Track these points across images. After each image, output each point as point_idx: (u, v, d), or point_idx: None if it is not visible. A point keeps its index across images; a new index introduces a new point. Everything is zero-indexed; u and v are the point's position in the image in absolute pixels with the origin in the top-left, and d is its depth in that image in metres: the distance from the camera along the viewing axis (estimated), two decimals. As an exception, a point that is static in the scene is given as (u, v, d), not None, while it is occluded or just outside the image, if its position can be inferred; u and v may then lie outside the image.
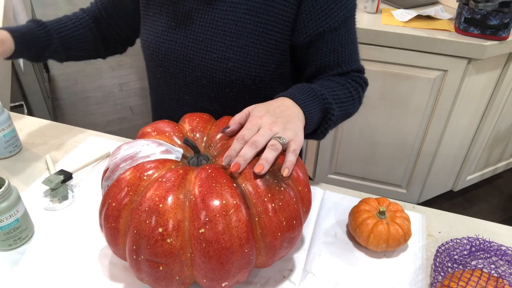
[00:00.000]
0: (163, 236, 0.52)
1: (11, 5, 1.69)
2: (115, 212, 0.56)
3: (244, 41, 0.79)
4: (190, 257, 0.53)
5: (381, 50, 1.56)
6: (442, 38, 1.48)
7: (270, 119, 0.62)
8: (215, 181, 0.54)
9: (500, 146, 2.01)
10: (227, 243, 0.52)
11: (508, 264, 0.64)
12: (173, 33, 0.83)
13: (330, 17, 0.77)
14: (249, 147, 0.58)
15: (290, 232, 0.57)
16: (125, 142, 0.65)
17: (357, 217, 0.70)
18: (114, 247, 0.58)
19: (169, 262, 0.52)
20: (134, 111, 2.77)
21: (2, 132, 0.85)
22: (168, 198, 0.53)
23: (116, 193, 0.56)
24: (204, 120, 0.71)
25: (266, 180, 0.56)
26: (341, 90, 0.79)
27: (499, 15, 1.41)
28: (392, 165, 1.87)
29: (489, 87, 1.67)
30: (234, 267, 0.54)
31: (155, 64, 0.88)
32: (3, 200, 0.64)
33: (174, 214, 0.52)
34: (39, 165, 0.87)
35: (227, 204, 0.53)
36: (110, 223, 0.56)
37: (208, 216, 0.52)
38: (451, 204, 2.01)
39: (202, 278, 0.55)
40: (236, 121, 0.65)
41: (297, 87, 0.73)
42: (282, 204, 0.56)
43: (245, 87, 0.82)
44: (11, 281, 0.64)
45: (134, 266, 0.55)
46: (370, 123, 1.77)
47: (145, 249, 0.52)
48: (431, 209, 0.80)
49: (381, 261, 0.70)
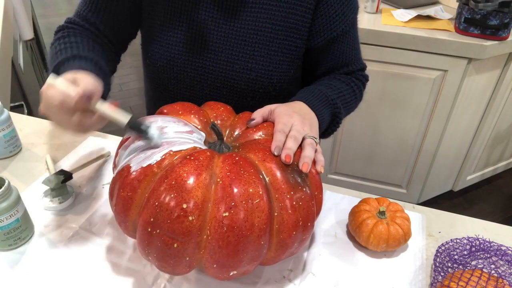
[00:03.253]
0: (186, 212, 0.51)
1: (11, 5, 1.69)
2: (134, 182, 0.55)
3: (266, 50, 0.78)
4: (206, 239, 0.52)
5: (381, 50, 1.56)
6: (442, 38, 1.47)
7: (299, 119, 0.65)
8: (243, 169, 0.55)
9: (500, 146, 2.01)
10: (248, 231, 0.52)
11: (508, 264, 0.64)
12: (189, 44, 0.80)
13: (342, 21, 0.79)
14: (293, 141, 0.60)
15: (303, 233, 0.58)
16: (151, 116, 0.64)
17: (357, 217, 0.70)
18: (123, 217, 0.57)
19: (185, 241, 0.52)
20: (134, 111, 2.76)
21: (2, 132, 0.85)
22: (196, 176, 0.53)
23: (139, 162, 0.56)
24: (228, 110, 0.72)
25: (291, 178, 0.57)
26: (346, 91, 0.82)
27: (499, 15, 1.41)
28: (392, 165, 1.87)
29: (489, 87, 1.67)
30: (247, 257, 0.54)
31: (167, 76, 0.83)
32: (3, 200, 0.64)
33: (200, 193, 0.52)
34: (39, 165, 0.87)
35: (253, 193, 0.53)
36: (126, 192, 0.55)
37: (234, 201, 0.52)
38: (451, 204, 2.01)
39: (213, 263, 0.54)
40: (260, 115, 0.68)
41: (311, 92, 0.76)
42: (302, 204, 0.57)
43: (266, 94, 0.82)
44: (11, 281, 0.64)
45: (145, 239, 0.54)
46: (370, 123, 1.77)
47: (164, 223, 0.51)
48: (431, 209, 0.80)
49: (381, 261, 0.70)
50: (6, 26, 1.48)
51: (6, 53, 1.44)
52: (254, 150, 0.60)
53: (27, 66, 1.90)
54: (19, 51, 1.81)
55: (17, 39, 1.80)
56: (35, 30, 2.29)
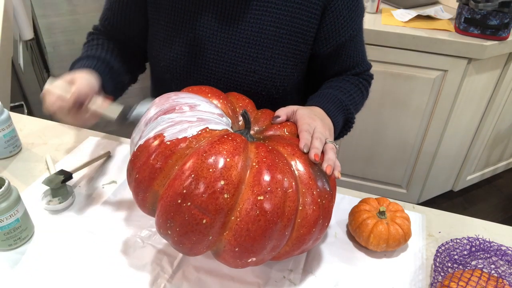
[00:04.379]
0: (222, 189, 0.51)
1: (11, 5, 1.69)
2: (167, 151, 0.54)
3: (270, 53, 0.78)
4: (235, 221, 0.52)
5: (381, 50, 1.56)
6: (442, 38, 1.48)
7: (321, 123, 0.68)
8: (278, 158, 0.55)
9: (500, 146, 2.01)
10: (278, 218, 0.53)
11: (508, 264, 0.64)
12: (193, 44, 0.80)
13: (350, 27, 0.80)
14: (319, 142, 0.62)
15: (320, 231, 0.59)
16: (185, 91, 0.66)
17: (357, 217, 0.70)
18: (144, 187, 0.55)
19: (215, 218, 0.51)
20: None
21: (2, 132, 0.85)
22: (235, 155, 0.53)
23: (174, 133, 0.55)
24: (252, 104, 0.73)
25: (317, 176, 0.58)
26: (356, 93, 0.84)
27: (499, 15, 1.41)
28: (392, 165, 1.87)
29: (489, 87, 1.67)
30: (270, 244, 0.54)
31: (171, 77, 0.84)
32: (3, 200, 0.64)
33: (237, 172, 0.52)
34: (39, 165, 0.87)
35: (288, 182, 0.54)
36: (157, 161, 0.54)
37: (270, 186, 0.52)
38: (451, 204, 2.01)
39: (235, 247, 0.53)
40: (284, 113, 0.69)
41: (326, 97, 0.78)
42: (325, 202, 0.58)
43: (269, 97, 0.83)
44: (11, 281, 0.64)
45: (171, 211, 0.52)
46: (370, 123, 1.77)
47: (198, 196, 0.51)
48: (431, 209, 0.80)
49: (381, 261, 0.70)
50: (6, 26, 1.48)
51: (6, 53, 1.44)
52: (283, 144, 0.60)
53: (27, 66, 1.90)
54: (19, 51, 1.81)
55: (17, 39, 1.80)
56: (35, 30, 2.29)
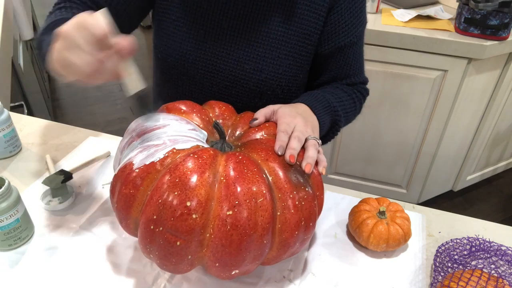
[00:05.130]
0: (189, 210, 0.51)
1: (11, 5, 1.69)
2: (137, 179, 0.55)
3: (277, 53, 0.79)
4: (209, 238, 0.52)
5: (381, 50, 1.56)
6: (442, 38, 1.48)
7: (302, 121, 0.66)
8: (247, 168, 0.55)
9: (500, 146, 2.01)
10: (251, 230, 0.52)
11: (508, 264, 0.64)
12: (202, 41, 0.80)
13: (351, 32, 0.80)
14: (296, 141, 0.60)
15: (305, 233, 0.58)
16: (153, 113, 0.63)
17: (357, 217, 0.70)
18: (124, 215, 0.57)
19: (188, 239, 0.52)
20: (135, 110, 2.76)
21: (2, 132, 0.85)
22: (200, 174, 0.53)
23: (142, 159, 0.56)
24: (230, 110, 0.72)
25: (294, 178, 0.57)
26: (348, 101, 0.83)
27: (499, 15, 1.41)
28: (392, 165, 1.87)
29: (489, 87, 1.67)
30: (249, 256, 0.54)
31: (178, 72, 0.84)
32: (3, 200, 0.64)
33: (204, 191, 0.52)
34: (39, 165, 0.87)
35: (257, 191, 0.53)
36: (129, 190, 0.55)
37: (238, 200, 0.52)
38: (451, 204, 2.01)
39: (215, 262, 0.54)
40: (263, 114, 0.68)
41: (314, 96, 0.77)
42: (304, 204, 0.57)
43: (274, 97, 0.83)
44: (11, 281, 0.64)
45: (148, 237, 0.53)
46: (370, 123, 1.77)
47: (167, 220, 0.51)
48: (431, 209, 0.80)
49: (381, 261, 0.70)
50: (6, 26, 1.48)
51: (6, 53, 1.44)
52: (257, 149, 0.60)
53: (27, 66, 1.90)
54: (19, 51, 1.81)
55: (17, 39, 1.80)
56: (35, 30, 2.29)
